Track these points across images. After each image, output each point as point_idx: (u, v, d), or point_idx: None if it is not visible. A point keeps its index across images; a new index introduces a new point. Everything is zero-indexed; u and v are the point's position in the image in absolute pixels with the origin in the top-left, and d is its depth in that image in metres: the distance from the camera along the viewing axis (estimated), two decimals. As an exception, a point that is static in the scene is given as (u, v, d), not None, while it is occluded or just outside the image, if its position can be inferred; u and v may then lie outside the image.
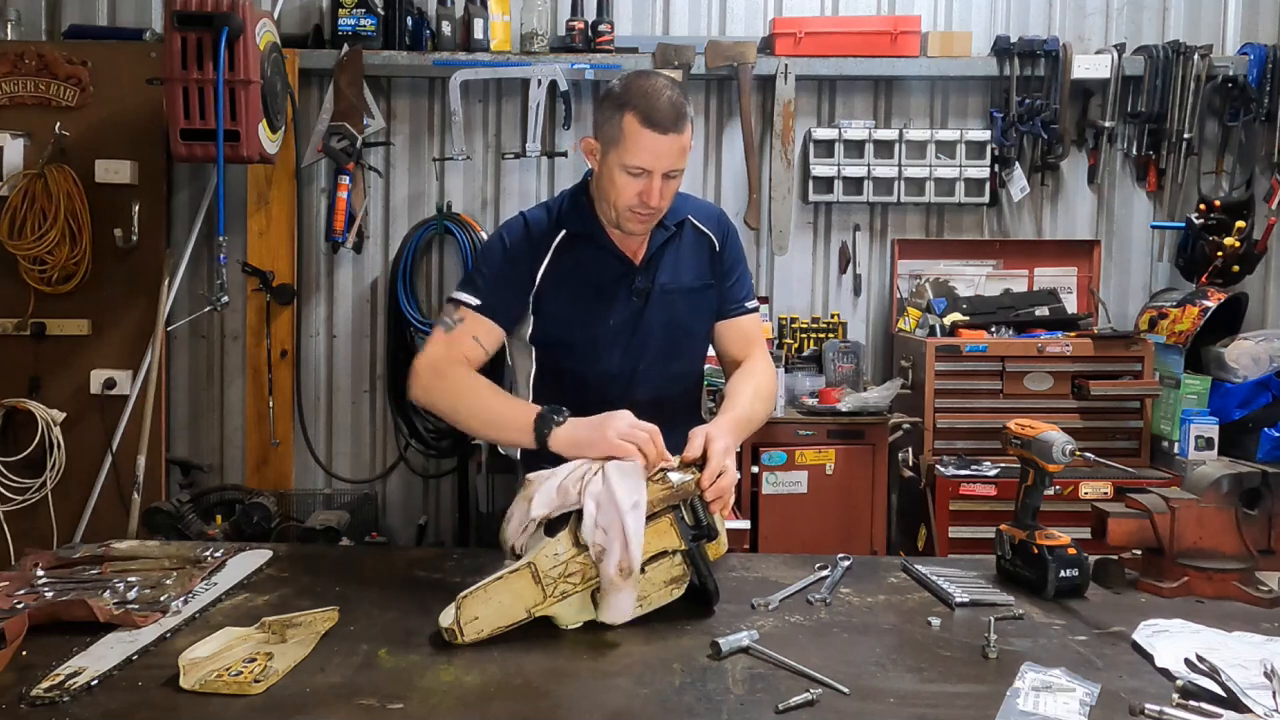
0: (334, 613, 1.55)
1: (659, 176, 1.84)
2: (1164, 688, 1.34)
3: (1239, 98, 3.83)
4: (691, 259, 2.02)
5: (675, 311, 2.00)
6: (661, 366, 2.01)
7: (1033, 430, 1.75)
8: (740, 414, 1.89)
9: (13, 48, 3.57)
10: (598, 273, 1.97)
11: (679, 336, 2.03)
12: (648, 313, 1.98)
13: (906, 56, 3.82)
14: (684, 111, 1.83)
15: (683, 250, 2.02)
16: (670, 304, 1.99)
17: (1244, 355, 3.53)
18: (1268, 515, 1.76)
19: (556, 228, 1.99)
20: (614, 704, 1.29)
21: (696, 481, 1.63)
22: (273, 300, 3.84)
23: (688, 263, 2.02)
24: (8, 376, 3.57)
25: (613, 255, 1.97)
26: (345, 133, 3.70)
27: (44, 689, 1.28)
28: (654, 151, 1.81)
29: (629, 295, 1.97)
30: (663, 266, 1.99)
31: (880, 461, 3.47)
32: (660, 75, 1.93)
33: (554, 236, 1.98)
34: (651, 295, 1.98)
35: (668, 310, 1.99)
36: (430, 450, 3.99)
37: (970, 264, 3.96)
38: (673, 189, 1.89)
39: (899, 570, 1.85)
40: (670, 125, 1.80)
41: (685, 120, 1.83)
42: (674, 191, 1.91)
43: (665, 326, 2.00)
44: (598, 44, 3.81)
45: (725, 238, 2.05)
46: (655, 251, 1.99)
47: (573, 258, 1.97)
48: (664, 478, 1.62)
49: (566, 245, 1.97)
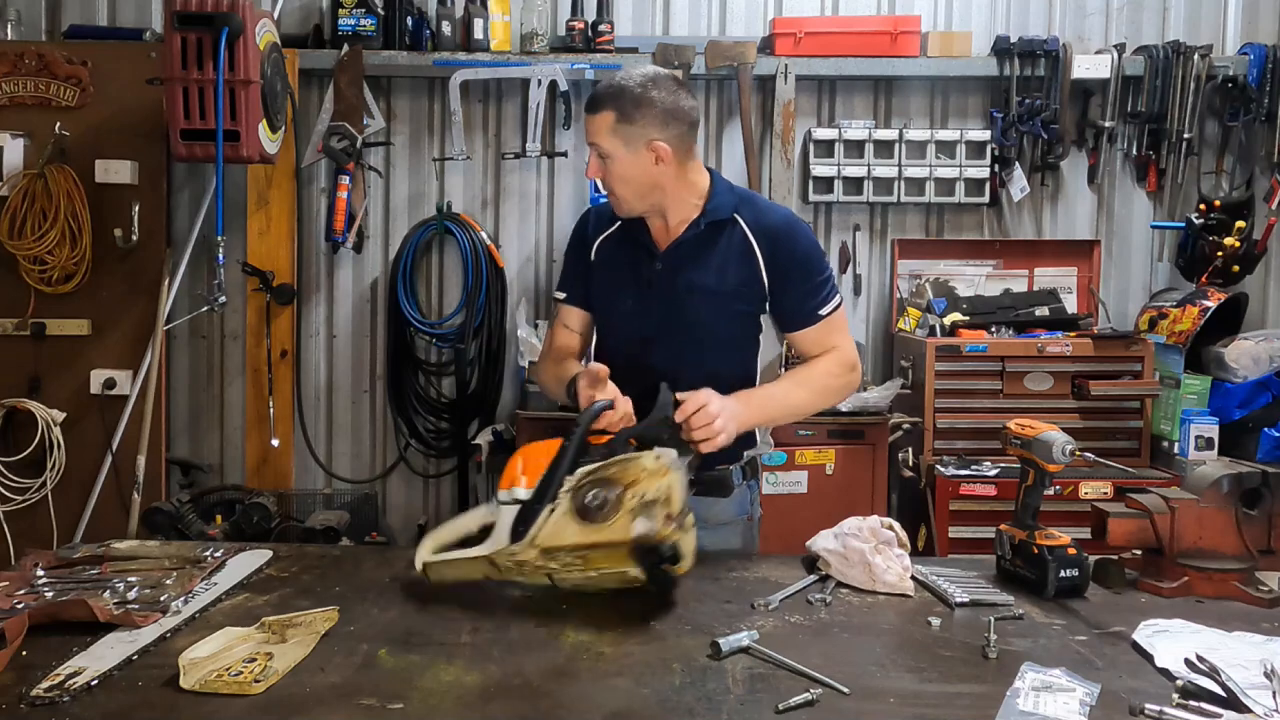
0: (334, 613, 1.56)
1: (592, 154, 1.96)
2: (1164, 688, 1.34)
3: (1239, 98, 3.83)
4: (726, 261, 2.00)
5: (695, 307, 2.00)
6: (681, 357, 1.99)
7: (1033, 430, 1.75)
8: (765, 391, 1.96)
9: (13, 48, 3.56)
10: (627, 258, 2.07)
11: (701, 333, 2.01)
12: (660, 300, 2.01)
13: (906, 56, 3.81)
14: (607, 94, 1.92)
15: (719, 250, 2.00)
16: (690, 298, 1.99)
17: (1244, 355, 3.53)
18: (1268, 515, 1.76)
19: (613, 219, 2.10)
20: (614, 704, 1.29)
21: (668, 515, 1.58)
22: (273, 300, 3.84)
23: (720, 263, 2.00)
24: (8, 376, 3.56)
25: (640, 243, 2.05)
26: (345, 133, 3.70)
27: (44, 689, 1.28)
28: (586, 129, 1.97)
29: (644, 281, 2.03)
30: (689, 260, 2.00)
31: (880, 461, 3.47)
32: (648, 66, 2.04)
33: (609, 226, 2.11)
34: (662, 283, 2.01)
35: (687, 303, 2.00)
36: (430, 450, 3.99)
37: (970, 264, 3.96)
38: (611, 172, 1.95)
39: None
40: (590, 105, 1.94)
41: (605, 101, 1.92)
42: (615, 177, 1.95)
43: (682, 319, 2.00)
44: (598, 44, 3.81)
45: (775, 247, 2.00)
46: (681, 243, 2.01)
47: (616, 244, 2.10)
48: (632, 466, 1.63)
49: (618, 234, 2.10)
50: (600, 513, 1.58)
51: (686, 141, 1.96)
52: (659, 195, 1.98)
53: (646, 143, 1.91)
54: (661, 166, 1.94)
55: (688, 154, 1.98)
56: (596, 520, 1.57)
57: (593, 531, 1.57)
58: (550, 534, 1.60)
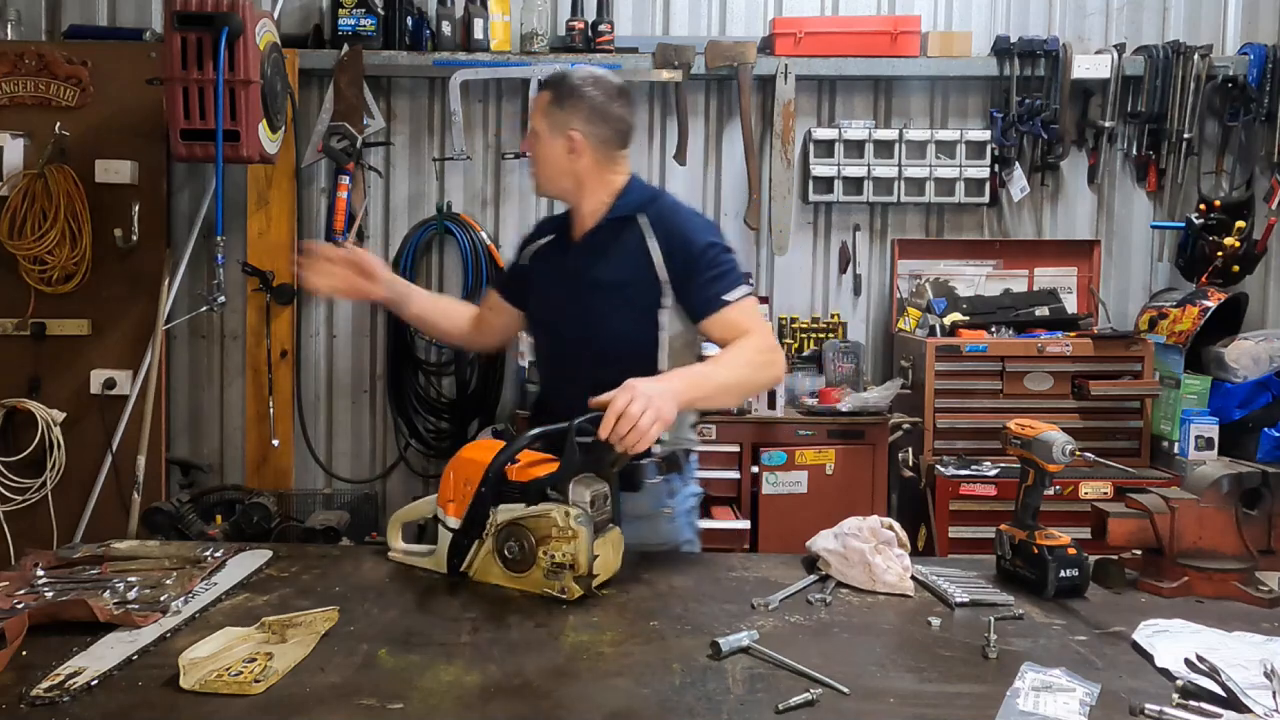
0: (334, 613, 1.56)
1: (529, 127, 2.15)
2: (1164, 688, 1.34)
3: (1239, 98, 3.83)
4: (624, 255, 2.06)
5: (594, 300, 2.08)
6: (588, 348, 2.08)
7: (1033, 430, 1.75)
8: (691, 368, 1.93)
9: (13, 48, 3.56)
10: (555, 259, 2.18)
11: (601, 326, 2.08)
12: (569, 294, 2.11)
13: (906, 56, 3.82)
14: (553, 79, 2.09)
15: (619, 244, 2.08)
16: (593, 293, 2.08)
17: (1244, 355, 3.53)
18: (1268, 515, 1.76)
19: (555, 228, 2.23)
20: (614, 704, 1.29)
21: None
22: (273, 300, 3.84)
23: (618, 258, 2.07)
24: (8, 376, 3.56)
25: (563, 242, 2.17)
26: (345, 133, 3.70)
27: (44, 689, 1.28)
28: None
29: (561, 276, 2.15)
30: (592, 254, 2.10)
31: (880, 461, 3.47)
32: (605, 71, 2.14)
33: (550, 234, 2.23)
34: (571, 277, 2.11)
35: (590, 296, 2.08)
36: (430, 450, 3.99)
37: (970, 264, 3.96)
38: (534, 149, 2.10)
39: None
40: (539, 84, 2.20)
41: (548, 84, 2.09)
42: (535, 155, 2.10)
43: (587, 313, 2.09)
44: (598, 44, 3.81)
45: (671, 242, 2.04)
46: (588, 238, 2.12)
47: (550, 247, 2.21)
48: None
49: (554, 239, 2.21)
50: (518, 564, 1.70)
51: (609, 145, 2.07)
52: (570, 184, 2.09)
53: (566, 131, 2.04)
54: (574, 158, 2.05)
55: (608, 157, 2.08)
56: (515, 570, 1.71)
57: (513, 578, 1.72)
58: (480, 569, 1.76)
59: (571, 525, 1.65)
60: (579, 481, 1.72)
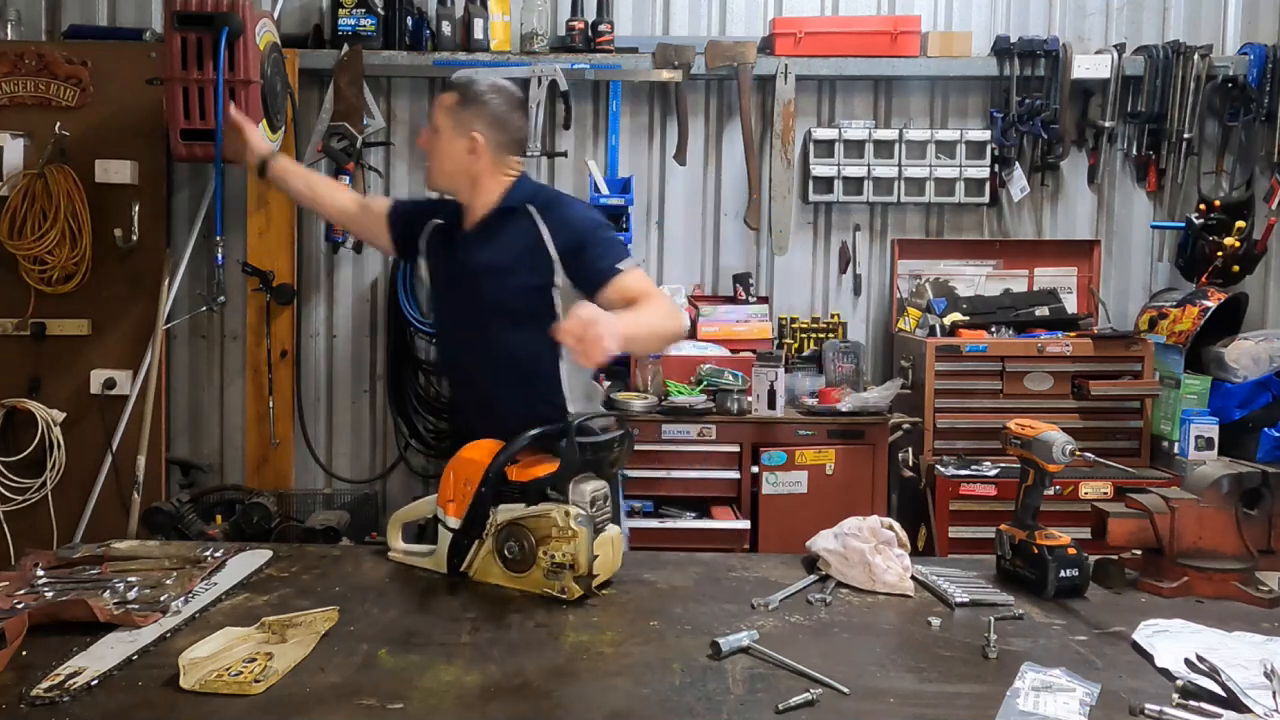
0: (334, 613, 1.56)
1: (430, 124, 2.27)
2: (1164, 688, 1.34)
3: (1239, 98, 3.83)
4: (514, 240, 2.19)
5: (484, 283, 2.19)
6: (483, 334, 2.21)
7: (1033, 430, 1.76)
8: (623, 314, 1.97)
9: (13, 48, 3.56)
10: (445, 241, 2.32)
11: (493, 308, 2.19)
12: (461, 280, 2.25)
13: (906, 56, 3.82)
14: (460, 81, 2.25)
15: (507, 231, 2.20)
16: (484, 277, 2.19)
17: (1244, 355, 3.53)
18: (1268, 515, 1.76)
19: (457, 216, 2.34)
20: (614, 704, 1.29)
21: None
22: (273, 300, 3.84)
23: (508, 242, 2.19)
24: (8, 376, 3.56)
25: (455, 235, 2.29)
26: (345, 133, 3.70)
27: (44, 689, 1.28)
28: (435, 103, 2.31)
29: (452, 265, 2.28)
30: (482, 240, 2.22)
31: (880, 461, 3.46)
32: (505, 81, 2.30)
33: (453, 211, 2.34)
34: (462, 263, 2.24)
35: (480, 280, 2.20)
36: (430, 450, 3.98)
37: (970, 264, 3.96)
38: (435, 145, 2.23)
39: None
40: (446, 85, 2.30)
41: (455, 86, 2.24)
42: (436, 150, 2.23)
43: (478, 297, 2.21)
44: (598, 44, 3.81)
45: (559, 225, 2.17)
46: (478, 227, 2.24)
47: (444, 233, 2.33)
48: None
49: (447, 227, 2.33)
50: (518, 564, 1.72)
51: (505, 150, 2.23)
52: (464, 181, 2.23)
53: (469, 132, 2.18)
54: (473, 158, 2.19)
55: (503, 160, 2.23)
56: (515, 570, 1.73)
57: (513, 578, 1.73)
58: (480, 569, 1.78)
59: (571, 525, 1.66)
60: (579, 481, 1.72)
